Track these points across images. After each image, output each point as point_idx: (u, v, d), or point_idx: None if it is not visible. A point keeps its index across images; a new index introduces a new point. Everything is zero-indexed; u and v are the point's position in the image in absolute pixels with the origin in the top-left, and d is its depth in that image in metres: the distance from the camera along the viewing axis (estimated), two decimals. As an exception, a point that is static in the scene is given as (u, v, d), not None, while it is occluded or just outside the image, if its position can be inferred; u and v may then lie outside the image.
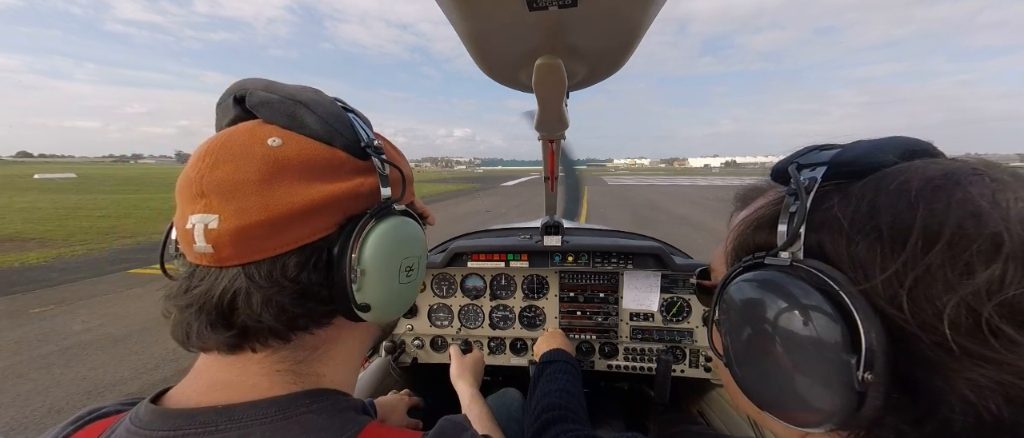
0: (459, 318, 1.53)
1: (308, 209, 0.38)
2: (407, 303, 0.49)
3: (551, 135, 0.83)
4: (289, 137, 0.40)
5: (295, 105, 0.41)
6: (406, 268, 0.46)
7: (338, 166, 0.41)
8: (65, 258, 7.08)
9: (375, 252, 0.41)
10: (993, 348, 0.24)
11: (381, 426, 0.43)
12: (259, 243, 0.37)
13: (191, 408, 0.39)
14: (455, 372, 1.10)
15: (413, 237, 0.46)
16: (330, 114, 0.42)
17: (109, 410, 0.44)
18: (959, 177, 0.27)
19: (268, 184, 0.37)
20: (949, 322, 0.25)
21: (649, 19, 0.41)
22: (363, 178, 0.43)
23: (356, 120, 0.45)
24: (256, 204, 0.37)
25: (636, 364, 1.45)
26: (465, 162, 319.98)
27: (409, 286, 0.47)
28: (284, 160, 0.39)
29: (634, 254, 1.40)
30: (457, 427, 0.46)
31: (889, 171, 0.30)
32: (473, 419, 0.92)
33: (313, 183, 0.39)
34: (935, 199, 0.27)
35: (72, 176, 39.04)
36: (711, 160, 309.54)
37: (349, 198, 0.41)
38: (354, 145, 0.43)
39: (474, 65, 0.51)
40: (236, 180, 0.37)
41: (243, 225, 0.36)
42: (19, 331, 4.05)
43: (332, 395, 0.43)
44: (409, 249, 0.46)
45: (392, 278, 0.44)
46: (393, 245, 0.43)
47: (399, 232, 0.44)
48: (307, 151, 0.40)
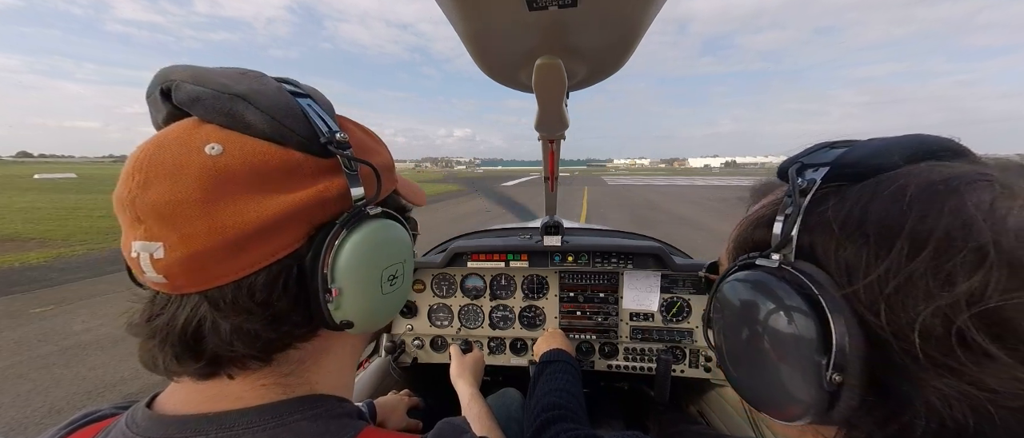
0: (459, 318, 1.53)
1: (264, 227, 0.34)
2: (395, 309, 0.47)
3: (551, 135, 0.83)
4: (230, 141, 0.34)
5: (232, 100, 0.34)
6: (389, 277, 0.42)
7: (294, 170, 0.36)
8: (65, 258, 7.07)
9: (350, 266, 0.37)
10: (959, 360, 0.24)
11: (378, 431, 0.42)
12: (215, 269, 0.33)
13: (183, 414, 0.38)
14: (455, 372, 1.10)
15: (393, 241, 0.42)
16: (277, 106, 0.35)
17: (105, 413, 0.43)
18: (961, 182, 0.26)
19: (212, 203, 0.32)
20: (920, 331, 0.25)
21: (649, 19, 0.41)
22: (328, 180, 0.37)
23: (312, 108, 0.38)
24: (202, 229, 0.32)
25: (636, 364, 1.45)
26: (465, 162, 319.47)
27: (395, 293, 0.44)
28: (227, 171, 0.33)
29: (634, 254, 1.40)
30: (456, 430, 0.45)
31: (890, 174, 0.30)
32: (473, 419, 0.92)
33: (266, 195, 0.34)
34: (929, 205, 0.26)
35: (72, 176, 39.02)
36: (711, 160, 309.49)
37: (313, 206, 0.36)
38: (311, 142, 0.36)
39: (474, 65, 0.51)
40: (174, 201, 0.32)
41: (191, 253, 0.32)
42: (19, 331, 4.05)
43: (326, 401, 0.42)
44: (390, 256, 0.41)
45: (373, 290, 0.40)
46: (370, 255, 0.39)
47: (376, 239, 0.39)
48: (253, 157, 0.34)
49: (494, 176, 64.24)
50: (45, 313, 4.52)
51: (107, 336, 3.89)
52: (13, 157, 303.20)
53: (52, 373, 3.30)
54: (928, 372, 0.25)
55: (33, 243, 8.21)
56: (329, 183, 0.37)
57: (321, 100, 0.40)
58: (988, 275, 0.23)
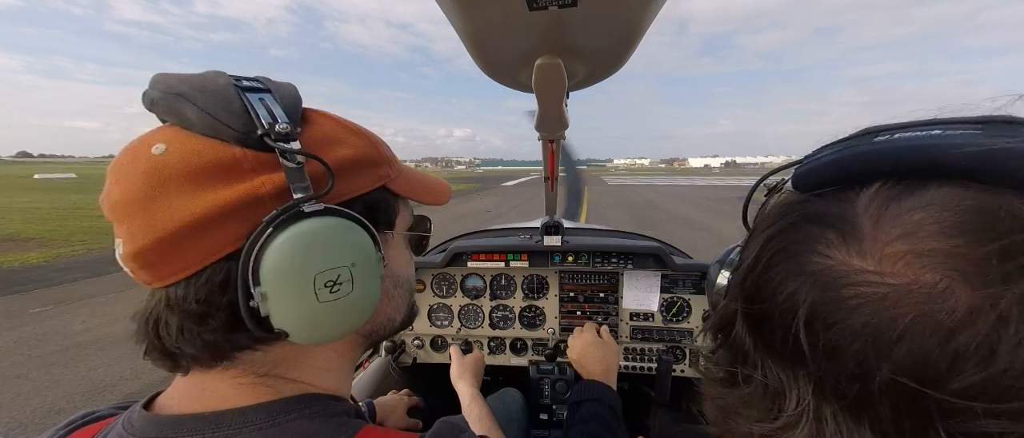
0: (459, 318, 1.53)
1: (197, 224, 0.33)
2: (350, 319, 0.40)
3: (551, 135, 0.83)
4: (175, 140, 0.35)
5: (175, 99, 0.35)
6: (326, 282, 0.36)
7: (232, 166, 0.35)
8: (65, 258, 7.08)
9: (274, 269, 0.34)
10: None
11: (376, 429, 0.41)
12: (160, 267, 0.34)
13: (178, 414, 0.38)
14: (455, 372, 1.10)
15: (333, 243, 0.37)
16: (215, 102, 0.35)
17: (103, 413, 0.43)
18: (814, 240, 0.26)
19: (151, 200, 0.33)
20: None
21: (649, 19, 0.41)
22: (267, 175, 0.36)
23: (264, 102, 0.36)
24: (141, 226, 0.33)
25: (636, 364, 1.45)
26: (465, 162, 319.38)
27: (341, 302, 0.38)
28: (165, 169, 0.33)
29: (634, 254, 1.40)
30: (454, 429, 0.45)
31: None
32: (473, 419, 0.92)
33: (200, 192, 0.34)
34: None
35: (72, 176, 39.05)
36: (711, 160, 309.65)
37: (248, 203, 0.35)
38: (249, 135, 0.35)
39: (474, 65, 0.51)
40: (124, 200, 0.34)
41: (136, 250, 0.34)
42: (19, 331, 4.05)
43: (322, 400, 0.41)
44: (326, 259, 0.36)
45: (304, 297, 0.36)
46: (298, 258, 0.35)
47: (308, 240, 0.35)
48: (190, 154, 0.34)
49: (494, 176, 64.29)
50: (45, 313, 4.52)
51: (107, 336, 3.89)
52: (13, 157, 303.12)
53: (51, 373, 3.30)
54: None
55: (33, 243, 8.21)
56: (267, 178, 0.36)
57: (283, 94, 0.38)
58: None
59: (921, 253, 0.20)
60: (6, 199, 16.70)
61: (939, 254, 0.20)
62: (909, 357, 0.20)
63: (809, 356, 0.23)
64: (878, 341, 0.21)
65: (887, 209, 0.23)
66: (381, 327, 0.49)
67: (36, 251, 7.47)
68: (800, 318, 0.23)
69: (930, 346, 0.19)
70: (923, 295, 0.20)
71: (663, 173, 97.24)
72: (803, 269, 0.24)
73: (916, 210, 0.22)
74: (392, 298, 0.48)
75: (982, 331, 0.18)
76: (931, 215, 0.21)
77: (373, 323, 0.47)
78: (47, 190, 22.22)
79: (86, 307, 4.68)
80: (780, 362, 0.25)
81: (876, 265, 0.22)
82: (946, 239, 0.20)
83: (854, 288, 0.22)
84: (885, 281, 0.21)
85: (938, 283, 0.20)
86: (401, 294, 0.50)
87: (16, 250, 7.56)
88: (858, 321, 0.21)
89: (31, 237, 8.79)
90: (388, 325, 0.50)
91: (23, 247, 7.83)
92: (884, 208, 0.23)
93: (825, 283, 0.23)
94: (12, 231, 9.42)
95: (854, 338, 0.21)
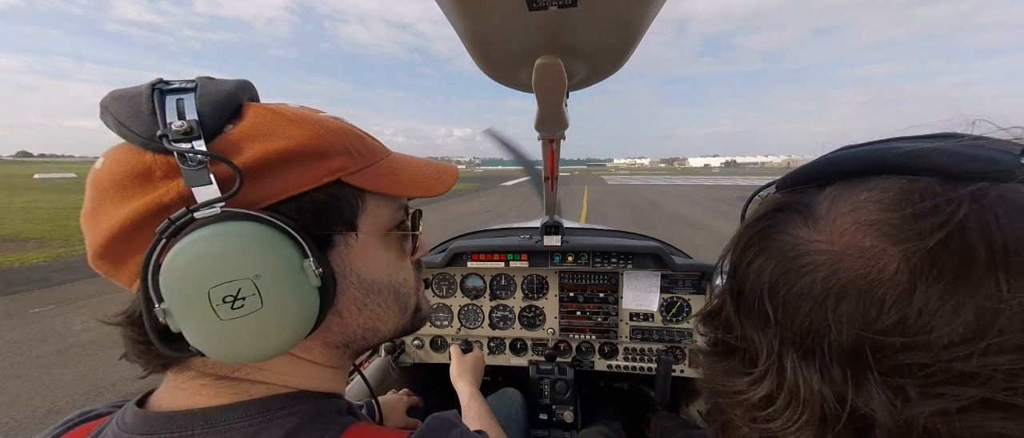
0: (459, 318, 1.53)
1: (118, 236, 0.33)
2: (273, 337, 0.35)
3: (551, 135, 0.83)
4: (109, 152, 0.35)
5: (102, 112, 0.34)
6: (223, 298, 0.32)
7: (146, 174, 0.33)
8: (64, 258, 7.07)
9: (169, 284, 0.32)
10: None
11: (367, 427, 0.40)
12: (112, 276, 0.37)
13: (170, 411, 0.38)
14: (455, 371, 1.10)
15: (226, 253, 0.32)
16: (126, 109, 0.33)
17: (100, 411, 0.43)
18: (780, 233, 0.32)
19: (94, 213, 0.34)
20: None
21: (649, 19, 0.41)
22: (174, 181, 0.33)
23: (176, 101, 0.33)
24: (88, 238, 0.35)
25: (636, 364, 1.45)
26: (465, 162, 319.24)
27: (252, 318, 0.33)
28: (100, 181, 0.34)
29: (634, 254, 1.40)
30: (445, 424, 0.44)
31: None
32: (472, 418, 0.92)
33: (123, 203, 0.33)
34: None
35: (72, 176, 39.04)
36: (711, 160, 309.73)
37: (152, 213, 0.33)
38: (152, 139, 0.32)
39: (474, 65, 0.51)
40: (82, 213, 0.36)
41: (89, 259, 0.36)
42: (18, 331, 4.05)
43: (313, 397, 0.40)
44: (218, 272, 0.32)
45: (204, 314, 0.32)
46: (189, 272, 0.31)
47: (196, 252, 0.31)
48: (113, 164, 0.34)
49: (494, 176, 64.33)
50: (44, 313, 4.52)
51: (106, 336, 3.89)
52: (13, 157, 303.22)
53: (51, 373, 3.30)
54: None
55: (33, 243, 8.21)
56: (172, 185, 0.33)
57: (210, 91, 0.35)
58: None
59: (862, 223, 0.26)
60: (6, 199, 16.70)
61: (876, 223, 0.25)
62: (846, 307, 0.24)
63: (772, 317, 0.28)
64: (824, 297, 0.25)
65: (842, 195, 0.28)
66: (359, 338, 0.44)
67: (36, 251, 7.47)
68: (764, 284, 0.29)
69: (863, 296, 0.24)
70: (860, 255, 0.25)
71: (663, 173, 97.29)
72: (771, 246, 0.30)
73: (862, 193, 0.27)
74: (364, 306, 0.43)
75: (902, 279, 0.23)
76: (873, 196, 0.26)
77: (344, 334, 0.43)
78: (47, 190, 22.22)
79: (86, 307, 4.68)
80: (753, 325, 0.30)
81: (827, 236, 0.27)
82: (882, 212, 0.25)
83: (808, 257, 0.27)
84: (832, 248, 0.26)
85: (873, 246, 0.25)
86: (380, 301, 0.44)
87: (16, 250, 7.56)
88: (808, 281, 0.26)
89: (31, 237, 8.79)
90: (369, 335, 0.45)
91: (23, 247, 7.83)
92: (840, 194, 0.28)
93: (785, 255, 0.28)
94: (12, 231, 9.42)
95: (805, 297, 0.26)
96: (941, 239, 0.22)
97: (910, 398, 0.22)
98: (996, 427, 0.21)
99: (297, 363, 0.42)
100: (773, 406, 0.28)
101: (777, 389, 0.28)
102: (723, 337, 0.33)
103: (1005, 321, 0.20)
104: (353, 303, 0.42)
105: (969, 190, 0.23)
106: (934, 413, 0.22)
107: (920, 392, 0.22)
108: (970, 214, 0.22)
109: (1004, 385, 0.20)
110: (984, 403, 0.21)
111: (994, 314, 0.21)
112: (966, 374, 0.21)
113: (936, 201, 0.23)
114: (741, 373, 0.31)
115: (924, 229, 0.23)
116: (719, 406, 0.33)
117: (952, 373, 0.21)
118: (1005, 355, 0.20)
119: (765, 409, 0.28)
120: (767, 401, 0.28)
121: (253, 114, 0.37)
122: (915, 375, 0.22)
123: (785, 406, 0.27)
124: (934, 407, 0.22)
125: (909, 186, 0.25)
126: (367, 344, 0.46)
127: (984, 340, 0.21)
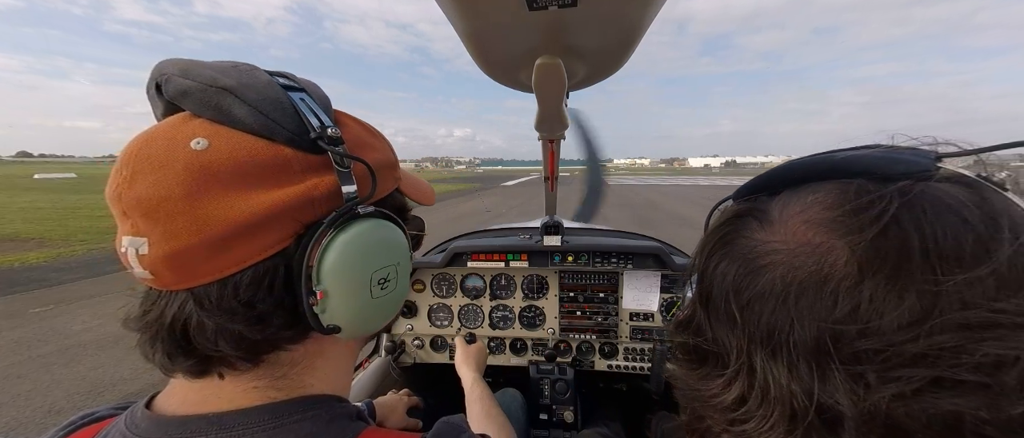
0: (459, 318, 1.53)
1: (250, 224, 0.33)
2: (388, 314, 0.44)
3: (551, 135, 0.83)
4: (217, 135, 0.33)
5: (219, 93, 0.33)
6: (379, 280, 0.39)
7: (283, 166, 0.35)
8: (65, 258, 7.08)
9: (337, 268, 0.35)
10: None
11: (377, 431, 0.41)
12: (200, 267, 0.33)
13: (182, 415, 0.38)
14: (460, 359, 1.12)
15: (385, 242, 0.40)
16: (266, 100, 0.34)
17: (102, 414, 0.43)
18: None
19: (196, 198, 0.32)
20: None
21: (649, 19, 0.41)
22: (318, 177, 0.36)
23: (305, 102, 0.37)
24: (185, 226, 0.31)
25: (636, 364, 1.45)
26: (465, 162, 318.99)
27: (387, 298, 0.41)
28: (212, 167, 0.32)
29: (634, 254, 1.40)
30: (454, 429, 0.45)
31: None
32: (474, 400, 0.94)
33: (251, 191, 0.33)
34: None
35: (72, 176, 39.06)
36: (711, 160, 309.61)
37: (301, 204, 0.35)
38: (301, 137, 0.35)
39: (474, 65, 0.51)
40: (158, 197, 0.31)
41: (175, 250, 0.32)
42: (19, 331, 4.05)
43: (325, 402, 0.41)
44: (380, 258, 0.39)
45: (361, 294, 0.38)
46: (358, 257, 0.37)
47: (366, 240, 0.37)
48: (239, 152, 0.33)
49: (494, 176, 64.28)
50: (45, 313, 4.52)
51: (107, 336, 3.89)
52: (13, 157, 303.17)
53: (51, 373, 3.30)
54: None
55: (33, 243, 8.21)
56: (319, 180, 0.36)
57: (317, 94, 0.39)
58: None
59: (811, 221, 0.28)
60: (6, 199, 16.71)
61: (824, 221, 0.27)
62: (806, 301, 0.26)
63: (739, 317, 0.29)
64: (785, 294, 0.27)
65: (791, 200, 0.31)
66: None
67: (36, 251, 7.47)
68: (729, 286, 0.30)
69: (819, 289, 0.25)
70: (812, 251, 0.27)
71: (663, 173, 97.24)
72: (733, 250, 0.31)
73: (809, 195, 0.29)
74: None
75: (852, 270, 0.25)
76: (817, 197, 0.29)
77: None
78: (47, 190, 22.24)
79: (86, 307, 4.68)
80: (722, 327, 0.31)
81: (782, 236, 0.29)
82: (827, 211, 0.28)
83: (767, 257, 0.29)
84: (787, 246, 0.28)
85: (823, 242, 0.26)
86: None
87: (16, 250, 7.56)
88: (768, 280, 0.28)
89: (31, 237, 8.79)
90: (385, 323, 0.50)
91: (23, 247, 7.83)
92: (789, 199, 0.31)
93: (746, 256, 0.30)
94: (12, 231, 9.42)
95: (768, 295, 0.28)
96: (879, 231, 0.24)
97: (870, 384, 0.23)
98: (948, 404, 0.22)
99: (339, 356, 0.46)
100: (746, 406, 0.29)
101: (748, 389, 0.29)
102: (695, 342, 0.34)
103: (944, 302, 0.22)
104: None
105: (897, 187, 0.26)
106: (893, 398, 0.23)
107: (878, 377, 0.23)
108: (900, 207, 0.25)
109: (950, 362, 0.22)
110: (935, 383, 0.22)
111: (933, 296, 0.22)
112: (916, 355, 0.22)
113: (870, 197, 0.26)
114: (715, 376, 0.31)
115: (863, 223, 0.25)
116: (697, 413, 0.34)
117: (905, 356, 0.23)
118: (948, 334, 0.22)
119: (739, 410, 0.29)
120: (740, 402, 0.29)
121: (347, 123, 0.42)
122: (873, 361, 0.23)
123: (757, 405, 0.28)
124: (892, 391, 0.23)
125: (845, 186, 0.28)
126: (375, 332, 0.50)
127: (928, 321, 0.22)
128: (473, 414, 0.91)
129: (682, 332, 0.36)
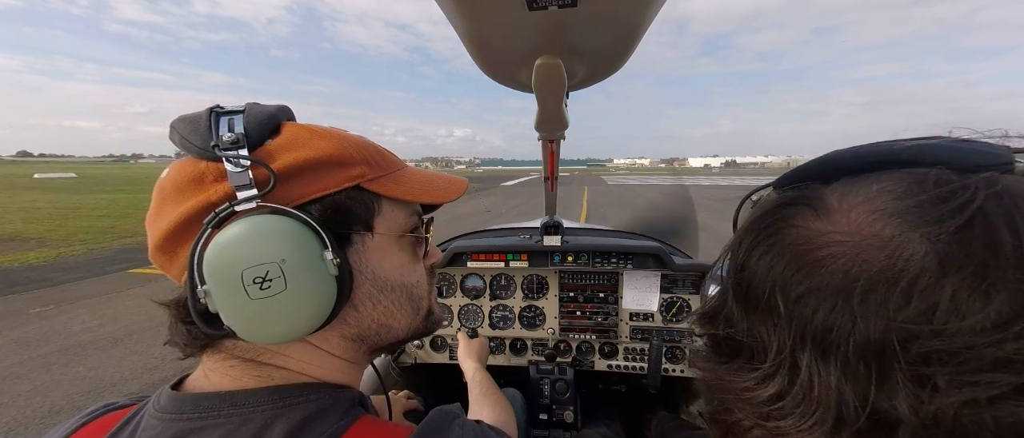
0: (459, 318, 1.53)
1: (173, 231, 0.39)
2: (294, 318, 0.39)
3: (551, 135, 0.83)
4: (172, 164, 0.42)
5: (170, 132, 0.42)
6: (254, 279, 0.37)
7: (199, 179, 0.39)
8: (65, 258, 7.08)
9: (210, 266, 0.37)
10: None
11: (374, 420, 0.44)
12: (166, 269, 0.42)
13: (200, 392, 0.42)
14: (462, 352, 1.16)
15: (259, 239, 0.37)
16: (189, 127, 0.40)
17: (122, 403, 0.46)
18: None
19: (155, 215, 0.41)
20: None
21: (649, 19, 0.41)
22: (221, 183, 0.39)
23: (228, 121, 0.40)
24: (150, 236, 0.41)
25: (636, 364, 1.45)
26: (465, 162, 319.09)
27: (277, 299, 0.38)
28: (164, 188, 0.41)
29: (634, 254, 1.40)
30: (448, 415, 0.46)
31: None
32: (475, 383, 0.99)
33: (180, 203, 0.39)
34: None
35: (72, 176, 39.07)
36: (711, 160, 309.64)
37: (202, 210, 0.38)
38: (206, 149, 0.39)
39: (474, 65, 0.51)
40: (147, 215, 0.42)
41: (150, 253, 0.42)
42: (19, 331, 4.05)
43: (329, 388, 0.44)
44: (251, 256, 0.37)
45: (235, 294, 0.37)
46: (226, 255, 0.37)
47: (236, 238, 0.37)
48: (177, 173, 0.40)
49: (494, 176, 64.29)
50: (45, 313, 4.52)
51: (107, 336, 3.89)
52: (13, 157, 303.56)
53: (52, 373, 3.30)
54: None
55: (33, 243, 8.21)
56: (219, 186, 0.39)
57: (255, 113, 0.42)
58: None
59: (879, 211, 0.25)
60: (6, 199, 16.71)
61: (896, 212, 0.25)
62: (874, 299, 0.24)
63: (785, 313, 0.27)
64: (849, 290, 0.25)
65: (851, 188, 0.28)
66: (373, 333, 0.47)
67: (36, 251, 7.47)
68: (776, 280, 0.28)
69: (890, 285, 0.23)
70: (883, 245, 0.24)
71: (664, 173, 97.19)
72: (780, 241, 0.29)
73: (873, 184, 0.27)
74: (378, 302, 0.46)
75: (931, 266, 0.22)
76: (885, 187, 0.26)
77: (360, 327, 0.46)
78: (47, 190, 22.25)
79: (86, 307, 4.68)
80: (761, 321, 0.29)
81: (844, 226, 0.26)
82: (898, 201, 0.25)
83: (826, 249, 0.26)
84: (850, 238, 0.26)
85: (895, 235, 0.24)
86: (393, 299, 0.48)
87: (16, 250, 7.56)
88: (827, 274, 0.26)
89: (31, 237, 8.79)
90: (383, 332, 0.48)
91: (23, 247, 7.83)
92: (849, 188, 0.28)
93: (799, 248, 0.28)
94: (12, 231, 9.42)
95: (826, 291, 0.25)
96: (962, 223, 0.22)
97: (939, 389, 0.21)
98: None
99: (316, 353, 0.46)
100: (782, 403, 0.27)
101: (788, 386, 0.27)
102: (726, 333, 0.32)
103: None
104: (368, 298, 0.46)
105: (982, 177, 0.23)
106: (965, 404, 0.21)
107: (950, 381, 0.21)
108: (988, 199, 0.22)
109: None
110: (1018, 390, 0.20)
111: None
112: (1000, 360, 0.21)
113: (951, 186, 0.23)
114: (748, 370, 0.30)
115: (944, 214, 0.23)
116: (725, 405, 0.32)
117: (985, 360, 0.21)
118: None
119: (774, 405, 0.28)
120: (776, 398, 0.28)
121: (289, 130, 0.43)
122: (946, 364, 0.21)
123: (796, 404, 0.26)
124: (965, 396, 0.21)
125: (920, 176, 0.25)
126: (382, 341, 0.49)
127: (1017, 324, 0.20)
128: (473, 396, 0.95)
129: (709, 324, 0.35)
